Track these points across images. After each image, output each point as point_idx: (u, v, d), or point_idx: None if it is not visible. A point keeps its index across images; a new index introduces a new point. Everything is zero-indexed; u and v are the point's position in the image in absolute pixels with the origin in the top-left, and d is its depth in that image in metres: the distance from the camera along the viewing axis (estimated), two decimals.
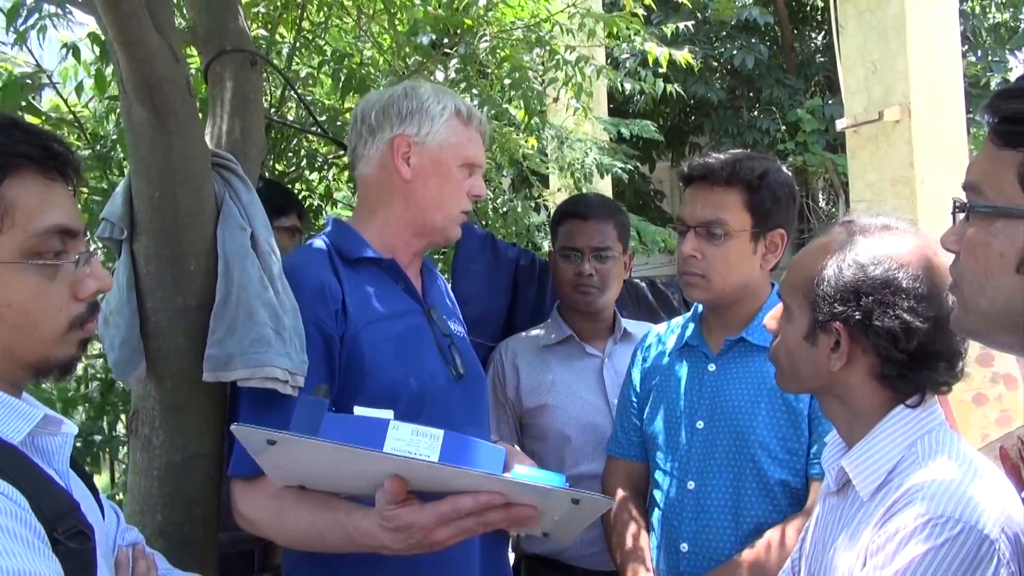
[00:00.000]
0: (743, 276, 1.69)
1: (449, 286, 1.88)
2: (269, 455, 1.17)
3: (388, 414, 1.16)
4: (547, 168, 3.56)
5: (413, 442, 1.13)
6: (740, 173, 1.65)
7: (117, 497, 2.58)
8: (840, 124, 5.14)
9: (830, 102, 8.51)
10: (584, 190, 3.43)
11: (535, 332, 2.26)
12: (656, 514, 1.73)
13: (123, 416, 2.47)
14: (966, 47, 9.72)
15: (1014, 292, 0.79)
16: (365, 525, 1.23)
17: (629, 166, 3.95)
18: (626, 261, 2.20)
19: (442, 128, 1.57)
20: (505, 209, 3.19)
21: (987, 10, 10.92)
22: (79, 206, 1.06)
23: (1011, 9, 11.31)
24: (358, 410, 1.17)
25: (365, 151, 1.59)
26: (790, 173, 1.75)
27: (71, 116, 2.38)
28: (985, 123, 0.84)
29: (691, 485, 1.66)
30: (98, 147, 2.27)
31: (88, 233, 1.85)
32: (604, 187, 5.62)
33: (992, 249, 0.81)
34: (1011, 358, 1.87)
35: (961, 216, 0.87)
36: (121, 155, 2.27)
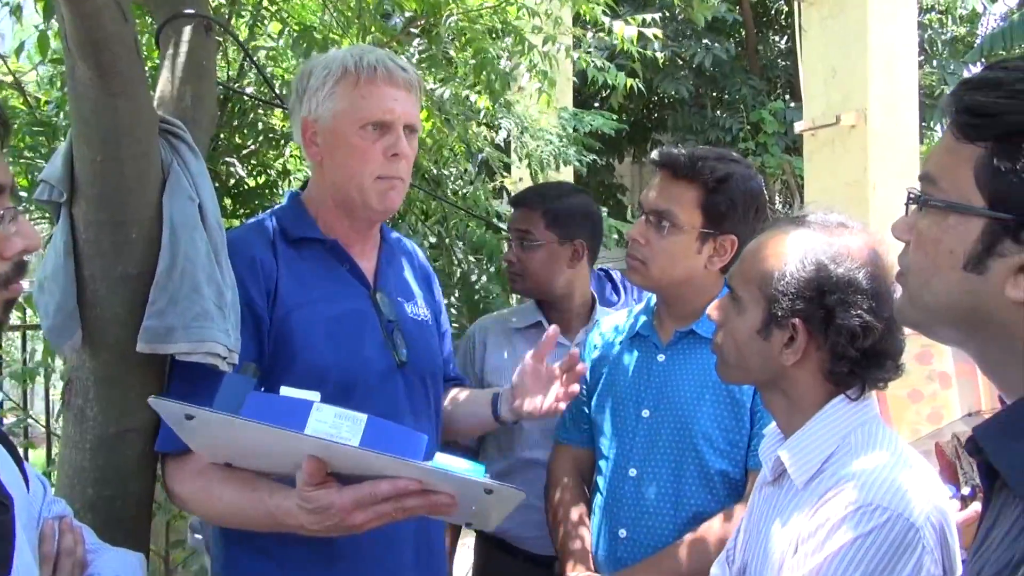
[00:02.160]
0: (683, 272, 1.68)
1: (430, 268, 1.82)
2: (191, 431, 1.16)
3: (315, 396, 1.15)
4: (503, 160, 3.54)
5: (335, 424, 1.12)
6: (700, 171, 1.64)
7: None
8: (798, 127, 5.21)
9: (791, 105, 8.63)
10: (542, 179, 3.43)
11: (509, 314, 2.30)
12: (598, 500, 1.74)
13: None
14: (923, 58, 9.93)
15: (959, 289, 0.78)
16: (286, 505, 1.23)
17: (588, 159, 3.95)
18: (577, 249, 2.15)
19: (328, 98, 1.48)
20: (465, 192, 3.17)
21: (944, 23, 11.17)
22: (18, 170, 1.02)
23: (968, 24, 11.59)
24: (284, 390, 1.16)
25: (296, 139, 1.57)
26: (762, 184, 1.72)
27: (11, 78, 2.29)
28: (946, 114, 0.82)
29: (633, 472, 1.67)
30: (41, 112, 2.19)
31: (27, 196, 1.79)
32: (566, 177, 5.62)
33: (942, 244, 0.80)
34: (948, 357, 1.91)
35: (914, 206, 0.85)
36: (65, 121, 2.19)
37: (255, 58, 2.43)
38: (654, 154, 1.74)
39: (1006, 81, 0.76)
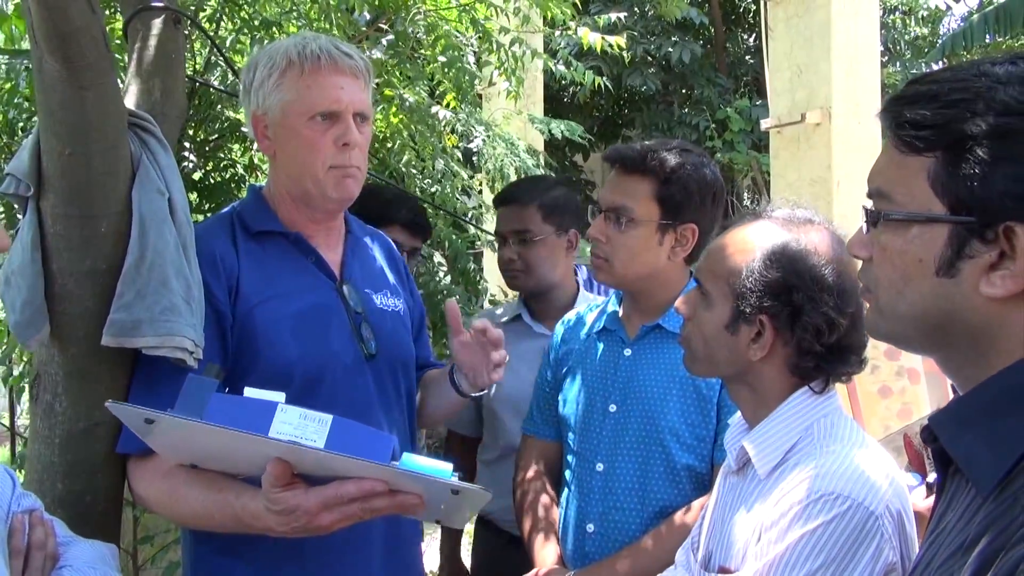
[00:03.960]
0: (647, 265, 1.69)
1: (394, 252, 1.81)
2: (153, 434, 1.15)
3: (279, 396, 1.14)
4: (466, 174, 3.55)
5: (300, 426, 1.11)
6: (650, 163, 1.65)
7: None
8: (765, 124, 5.29)
9: (758, 103, 8.75)
10: (498, 185, 3.46)
11: (497, 310, 2.38)
12: (565, 494, 1.76)
13: None
14: (886, 58, 10.11)
15: (934, 295, 0.81)
16: (253, 507, 1.23)
17: (547, 173, 3.99)
18: (571, 239, 2.24)
19: (275, 90, 1.45)
20: (434, 190, 3.17)
21: (907, 24, 11.38)
22: None
23: (930, 24, 11.82)
24: (248, 391, 1.14)
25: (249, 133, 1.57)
26: (716, 171, 1.73)
27: None
28: (886, 128, 0.85)
29: (600, 467, 1.68)
30: None
31: None
32: None
33: (909, 255, 0.81)
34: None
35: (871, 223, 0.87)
36: (15, 114, 2.16)
37: (223, 51, 2.41)
38: (604, 152, 1.76)
39: (941, 93, 0.79)
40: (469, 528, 2.43)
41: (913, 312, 0.83)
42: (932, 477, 1.69)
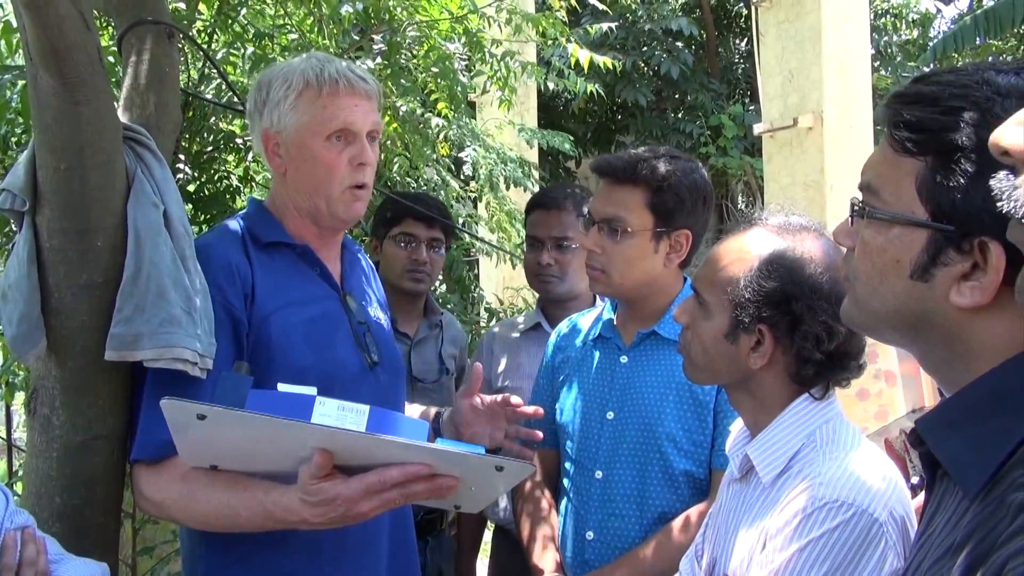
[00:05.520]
0: (644, 274, 1.70)
1: (375, 271, 1.86)
2: (191, 433, 1.15)
3: (311, 391, 1.17)
4: (459, 189, 3.56)
5: (339, 417, 1.14)
6: (641, 172, 1.65)
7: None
8: (757, 128, 5.32)
9: (750, 109, 8.78)
10: (489, 198, 3.47)
11: (517, 319, 2.40)
12: (564, 502, 1.76)
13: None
14: (877, 62, 10.16)
15: (907, 296, 0.82)
16: (286, 501, 1.24)
17: (538, 185, 4.01)
18: None
19: (291, 110, 1.48)
20: None
21: (898, 27, 11.44)
22: None
23: (920, 28, 11.88)
24: (281, 387, 1.17)
25: (257, 148, 1.58)
26: (705, 175, 1.74)
27: None
28: (884, 125, 0.85)
29: (599, 474, 1.69)
30: None
31: None
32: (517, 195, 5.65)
33: (888, 254, 0.82)
34: (893, 356, 1.96)
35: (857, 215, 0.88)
36: (6, 130, 2.17)
37: (218, 64, 2.42)
38: (592, 163, 1.76)
39: (941, 97, 0.79)
40: (487, 538, 2.44)
41: (885, 309, 0.84)
42: (915, 479, 1.70)
